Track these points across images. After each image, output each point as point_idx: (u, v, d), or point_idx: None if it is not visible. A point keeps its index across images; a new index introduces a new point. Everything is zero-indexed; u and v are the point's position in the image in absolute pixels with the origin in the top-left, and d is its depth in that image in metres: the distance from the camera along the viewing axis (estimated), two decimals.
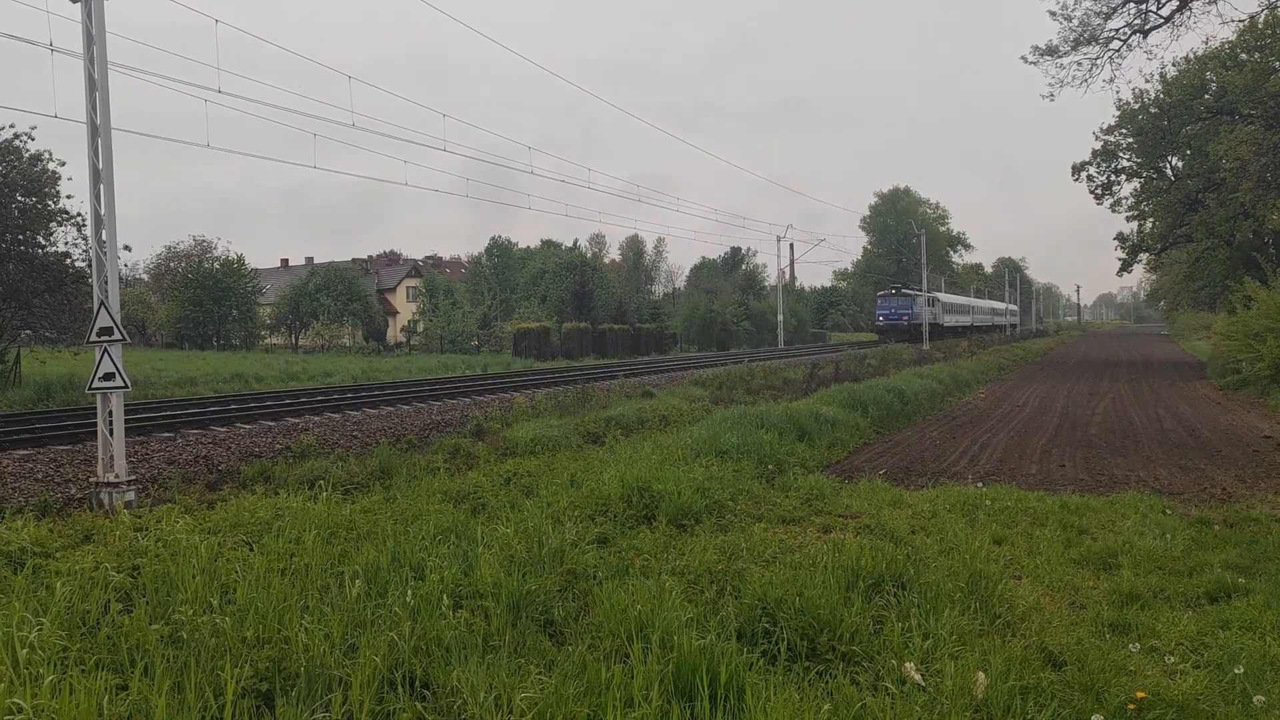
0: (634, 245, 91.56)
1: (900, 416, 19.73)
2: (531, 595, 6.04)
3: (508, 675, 4.73)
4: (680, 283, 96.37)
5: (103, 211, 10.51)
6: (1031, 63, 32.99)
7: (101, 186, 10.47)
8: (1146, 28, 30.57)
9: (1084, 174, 48.45)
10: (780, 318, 67.13)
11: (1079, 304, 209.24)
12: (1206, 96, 40.05)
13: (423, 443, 14.86)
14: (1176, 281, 69.23)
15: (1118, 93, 62.27)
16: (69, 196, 26.94)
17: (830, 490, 10.68)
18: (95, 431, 10.76)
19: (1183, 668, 5.43)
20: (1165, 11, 29.94)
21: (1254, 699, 4.79)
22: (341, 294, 63.92)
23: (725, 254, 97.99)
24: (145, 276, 74.60)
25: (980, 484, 11.52)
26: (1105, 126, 46.98)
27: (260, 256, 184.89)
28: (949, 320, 75.15)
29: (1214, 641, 5.82)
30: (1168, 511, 9.80)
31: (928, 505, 9.93)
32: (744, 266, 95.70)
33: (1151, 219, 48.25)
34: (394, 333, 72.56)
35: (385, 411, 19.37)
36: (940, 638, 5.45)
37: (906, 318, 63.99)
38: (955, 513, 9.59)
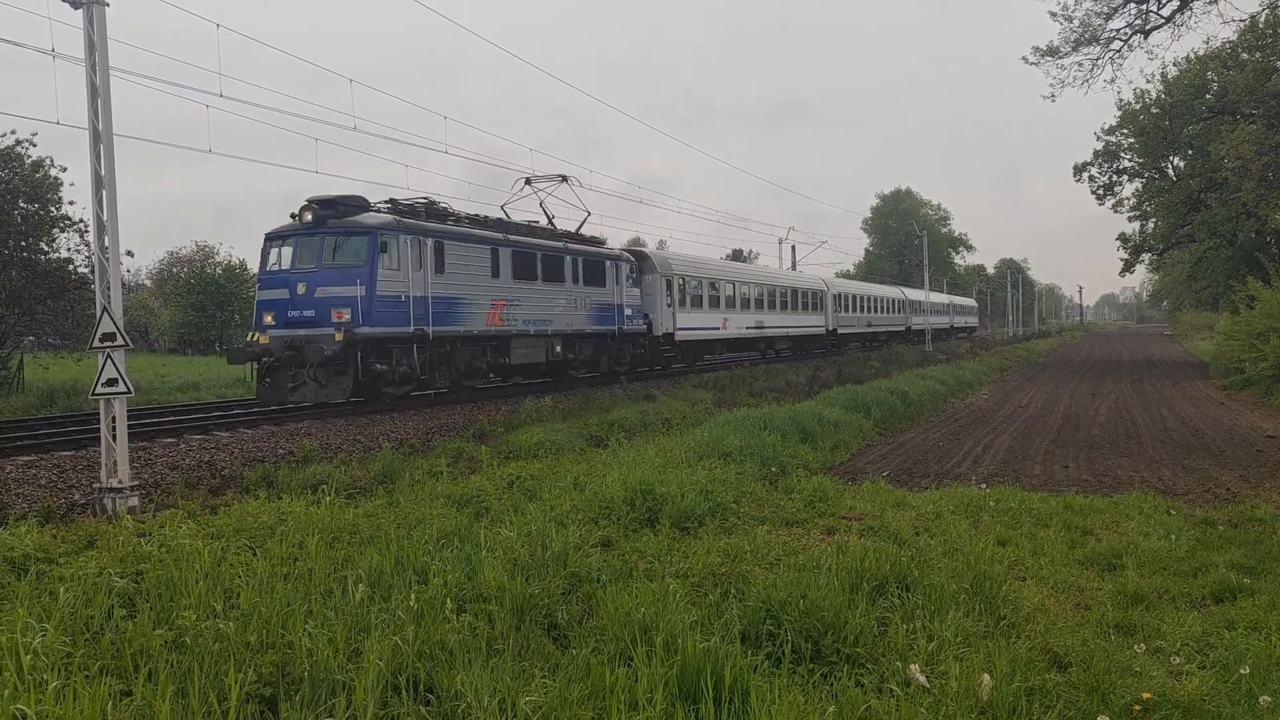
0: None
1: (903, 418, 19.70)
2: (535, 598, 6.03)
3: (511, 679, 4.73)
4: None
5: (105, 217, 10.52)
6: (1032, 63, 33.02)
7: (104, 192, 10.48)
8: (1147, 28, 30.60)
9: (1086, 175, 48.46)
10: None
11: (1081, 304, 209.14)
12: (1208, 96, 40.05)
13: (425, 447, 14.86)
14: (1179, 281, 69.16)
15: (1119, 93, 61.99)
16: (71, 203, 26.92)
17: (833, 492, 10.65)
18: (98, 437, 10.74)
19: (1188, 668, 5.42)
20: (1166, 11, 29.98)
21: (1260, 699, 4.77)
22: None
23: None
24: (148, 282, 74.68)
25: (984, 485, 11.48)
26: (1106, 127, 47.01)
27: None
28: (728, 327, 33.14)
29: (1219, 642, 5.79)
30: (1172, 512, 9.77)
31: (931, 507, 9.91)
32: None
33: (1153, 219, 48.27)
34: None
35: (388, 415, 19.35)
36: (945, 639, 5.44)
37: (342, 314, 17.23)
38: (959, 514, 9.57)
